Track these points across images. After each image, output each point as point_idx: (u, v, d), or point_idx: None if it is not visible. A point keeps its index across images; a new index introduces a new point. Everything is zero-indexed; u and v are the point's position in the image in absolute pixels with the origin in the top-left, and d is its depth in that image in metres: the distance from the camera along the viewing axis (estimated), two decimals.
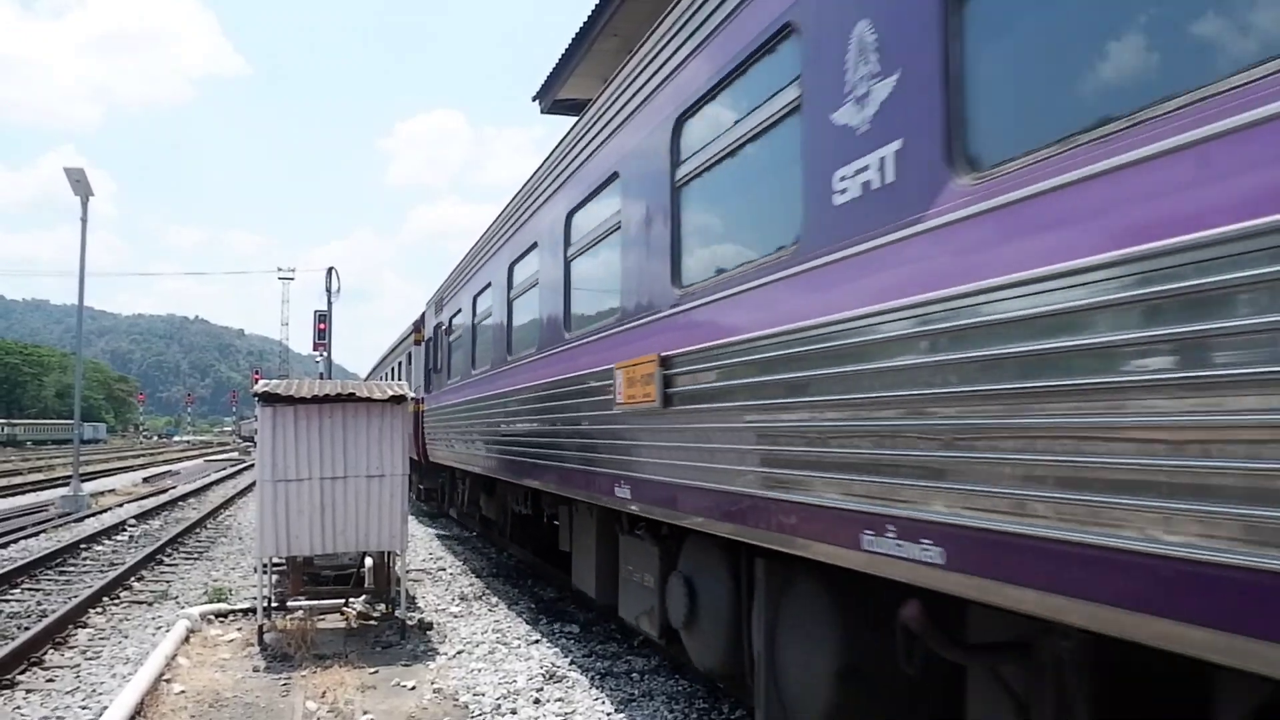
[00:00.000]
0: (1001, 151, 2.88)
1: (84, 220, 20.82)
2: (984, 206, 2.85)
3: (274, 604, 8.84)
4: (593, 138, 7.04)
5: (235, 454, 58.46)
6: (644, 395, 5.47)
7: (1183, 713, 2.88)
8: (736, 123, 4.69)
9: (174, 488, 27.76)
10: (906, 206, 3.21)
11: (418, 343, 18.00)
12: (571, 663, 7.63)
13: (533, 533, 11.09)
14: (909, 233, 3.19)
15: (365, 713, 6.31)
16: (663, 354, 5.25)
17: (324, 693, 6.70)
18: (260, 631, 8.21)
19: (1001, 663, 3.43)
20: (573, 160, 7.57)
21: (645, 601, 6.45)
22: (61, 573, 12.33)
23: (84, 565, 12.99)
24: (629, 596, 6.89)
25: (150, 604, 10.30)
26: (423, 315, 17.88)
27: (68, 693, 6.88)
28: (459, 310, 13.21)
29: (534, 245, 8.77)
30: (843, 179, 3.63)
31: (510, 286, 9.86)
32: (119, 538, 16.02)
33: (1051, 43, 2.83)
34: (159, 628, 8.98)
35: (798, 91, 4.03)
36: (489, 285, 10.97)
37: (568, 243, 7.68)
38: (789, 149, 4.12)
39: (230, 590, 10.67)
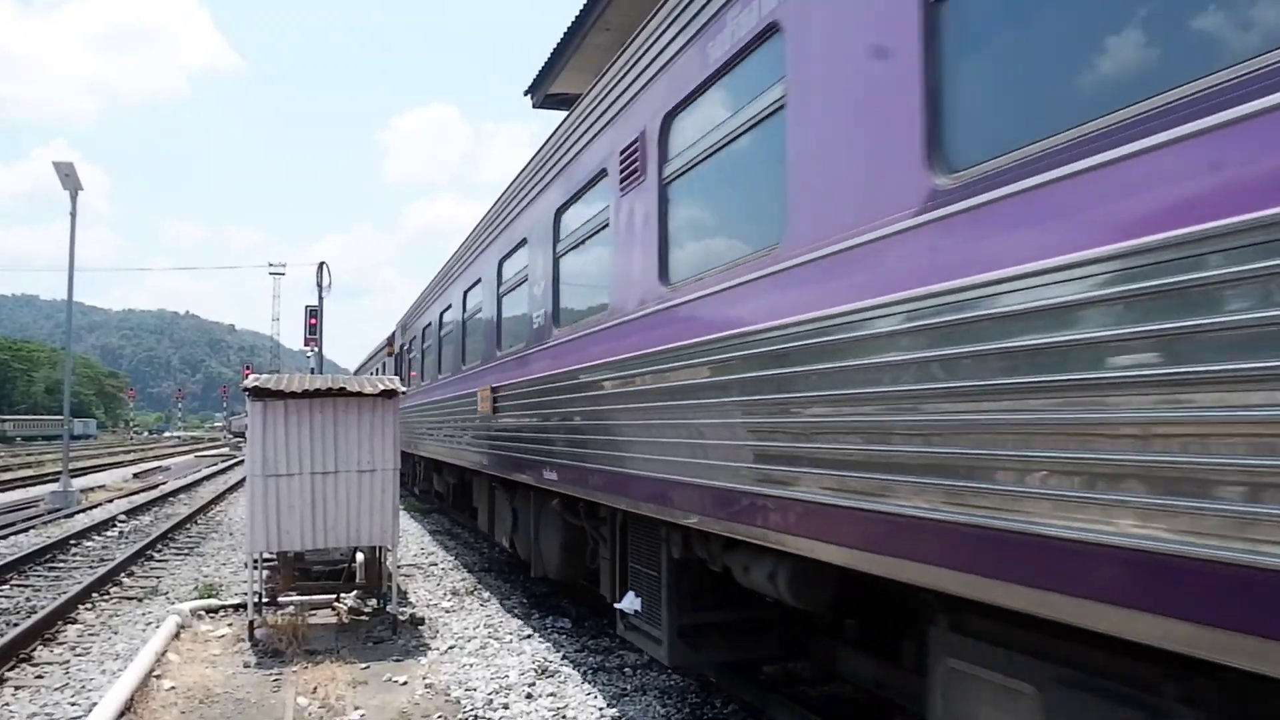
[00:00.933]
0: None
1: (73, 215, 20.70)
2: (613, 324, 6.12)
3: (265, 599, 8.80)
4: (466, 255, 12.15)
5: (226, 449, 58.27)
6: (488, 407, 9.68)
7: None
8: (515, 273, 9.11)
9: (164, 483, 27.65)
10: (544, 336, 7.77)
11: (390, 355, 22.27)
12: (564, 658, 7.62)
13: (463, 499, 14.66)
14: (546, 346, 7.64)
15: (357, 708, 6.29)
16: (493, 385, 9.47)
17: (315, 688, 6.69)
18: (251, 627, 8.18)
19: (599, 525, 7.14)
20: (463, 259, 12.45)
21: (504, 527, 10.39)
22: (51, 569, 12.28)
23: (74, 561, 12.93)
24: (498, 526, 10.90)
25: (140, 600, 10.25)
26: (394, 333, 22.29)
27: (57, 689, 6.85)
28: (415, 336, 17.85)
29: (450, 305, 13.25)
30: (535, 322, 8.15)
31: (441, 326, 14.18)
32: (109, 533, 15.96)
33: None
34: (149, 624, 8.95)
35: (525, 273, 8.61)
36: (429, 324, 15.52)
37: (465, 308, 12.02)
38: (528, 298, 8.46)
39: (221, 586, 10.63)
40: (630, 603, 6.26)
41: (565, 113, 7.73)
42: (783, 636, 5.95)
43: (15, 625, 8.52)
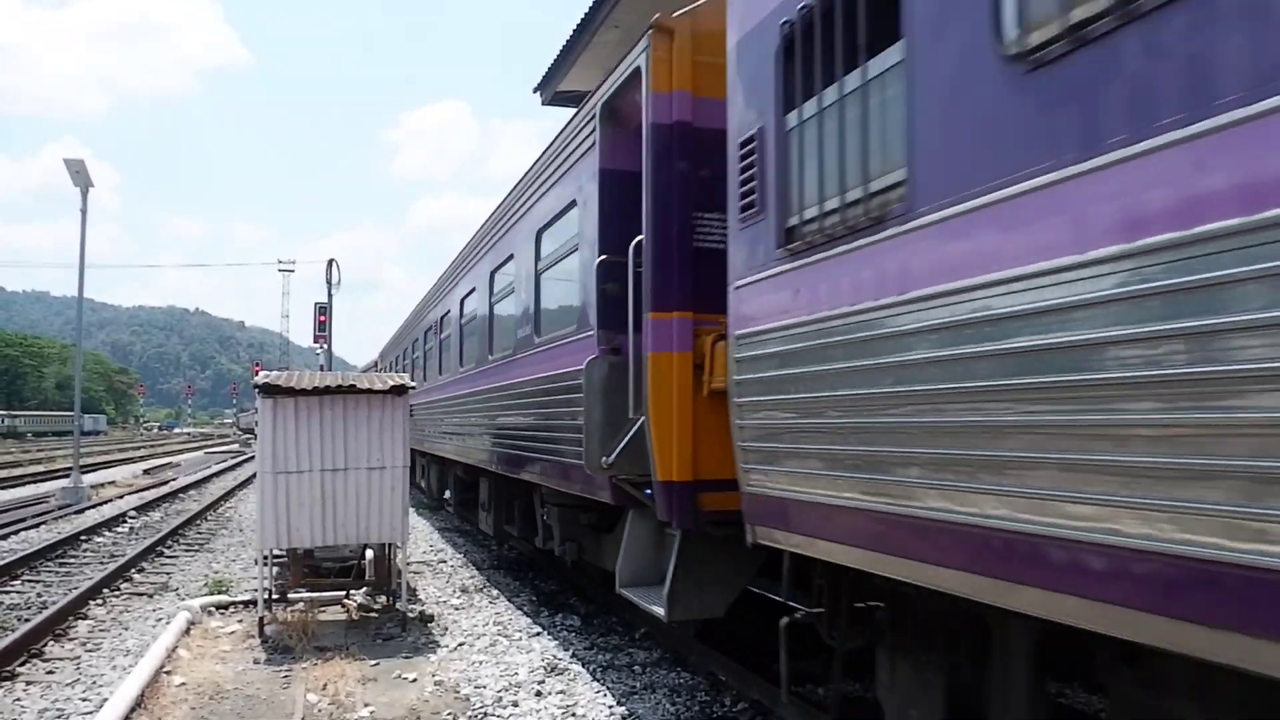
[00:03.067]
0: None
1: (84, 212, 20.77)
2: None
3: (275, 596, 8.82)
4: (402, 333, 22.34)
5: (236, 446, 58.47)
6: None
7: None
8: (415, 349, 18.93)
9: (174, 480, 27.77)
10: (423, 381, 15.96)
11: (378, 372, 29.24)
12: (573, 655, 7.62)
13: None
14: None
15: (366, 705, 6.30)
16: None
17: (325, 684, 6.70)
18: (261, 623, 8.20)
19: (446, 468, 15.30)
20: (401, 335, 22.70)
21: (421, 476, 18.39)
22: (62, 564, 12.34)
23: (84, 557, 13.00)
24: (420, 477, 18.44)
25: (151, 596, 10.29)
26: (376, 358, 30.85)
27: (68, 684, 6.88)
28: (389, 362, 25.43)
29: (401, 353, 21.60)
30: (426, 373, 16.56)
31: (397, 362, 22.48)
32: (119, 529, 16.03)
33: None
34: (159, 620, 8.98)
35: (417, 350, 18.40)
36: (398, 356, 22.82)
37: (410, 356, 19.33)
38: (420, 363, 17.74)
39: (231, 582, 10.66)
40: (448, 494, 15.33)
41: (571, 110, 7.99)
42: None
43: (27, 621, 8.56)
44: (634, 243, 5.80)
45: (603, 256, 6.34)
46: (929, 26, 3.20)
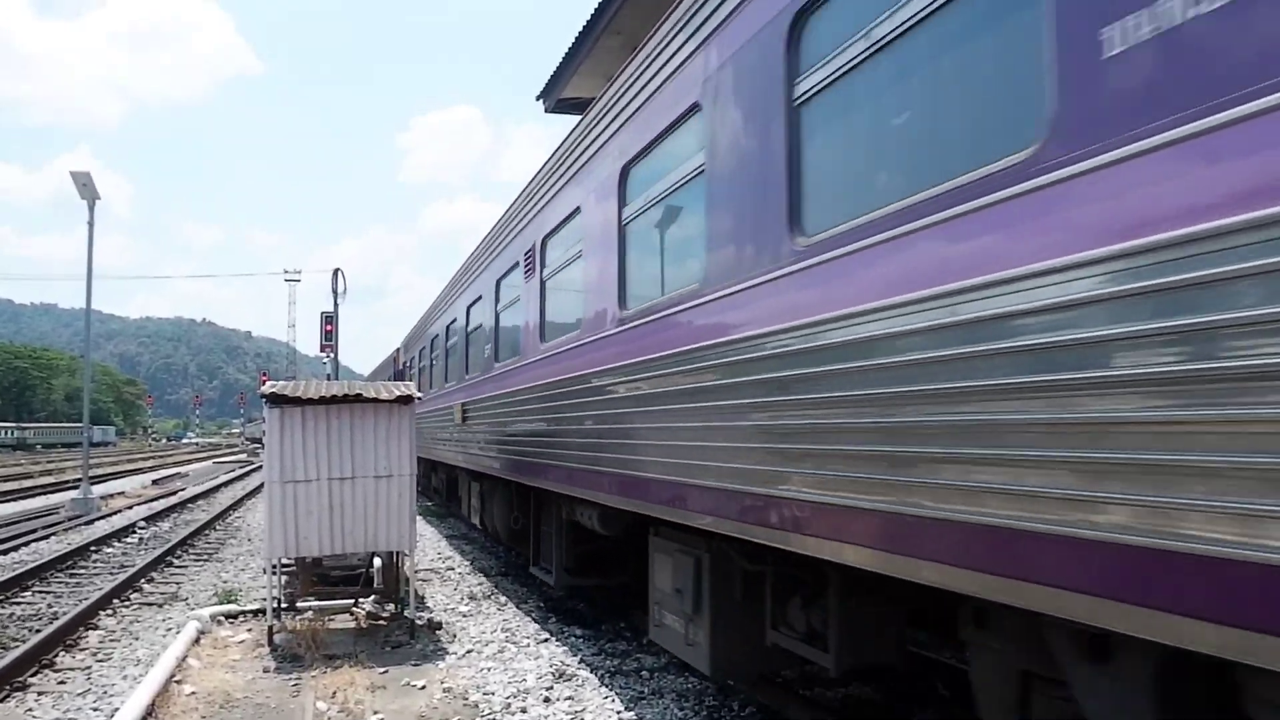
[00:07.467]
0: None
1: (90, 224, 20.87)
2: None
3: (284, 605, 8.85)
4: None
5: (244, 456, 58.59)
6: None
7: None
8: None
9: (183, 490, 27.84)
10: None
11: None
12: (581, 661, 7.62)
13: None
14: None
15: (375, 713, 6.31)
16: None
17: (334, 693, 6.71)
18: (270, 632, 8.22)
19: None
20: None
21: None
22: (72, 575, 12.38)
23: (94, 567, 13.04)
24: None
25: (160, 606, 10.32)
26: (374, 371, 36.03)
27: (79, 695, 6.90)
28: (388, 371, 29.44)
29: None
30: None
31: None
32: (129, 540, 16.08)
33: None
34: (169, 629, 9.00)
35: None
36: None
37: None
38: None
39: (240, 592, 10.69)
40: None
41: (578, 117, 7.88)
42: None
43: (38, 631, 8.59)
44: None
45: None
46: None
